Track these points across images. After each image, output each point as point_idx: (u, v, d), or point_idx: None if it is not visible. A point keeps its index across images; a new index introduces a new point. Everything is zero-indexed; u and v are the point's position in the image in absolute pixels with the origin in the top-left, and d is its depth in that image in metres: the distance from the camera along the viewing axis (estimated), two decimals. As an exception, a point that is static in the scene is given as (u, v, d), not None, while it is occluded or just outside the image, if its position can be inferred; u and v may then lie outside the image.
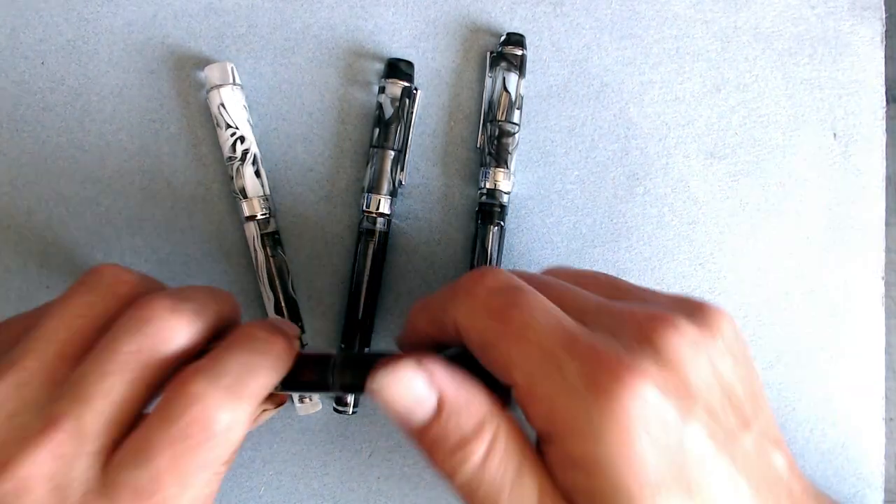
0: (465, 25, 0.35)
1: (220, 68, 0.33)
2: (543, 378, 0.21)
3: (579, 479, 0.20)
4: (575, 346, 0.21)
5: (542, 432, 0.21)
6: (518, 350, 0.21)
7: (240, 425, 0.22)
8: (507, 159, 0.33)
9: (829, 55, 0.36)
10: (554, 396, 0.21)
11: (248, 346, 0.24)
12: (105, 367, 0.22)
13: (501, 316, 0.22)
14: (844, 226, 0.36)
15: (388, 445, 0.35)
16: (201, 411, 0.21)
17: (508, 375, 0.22)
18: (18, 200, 0.34)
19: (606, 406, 0.20)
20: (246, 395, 0.22)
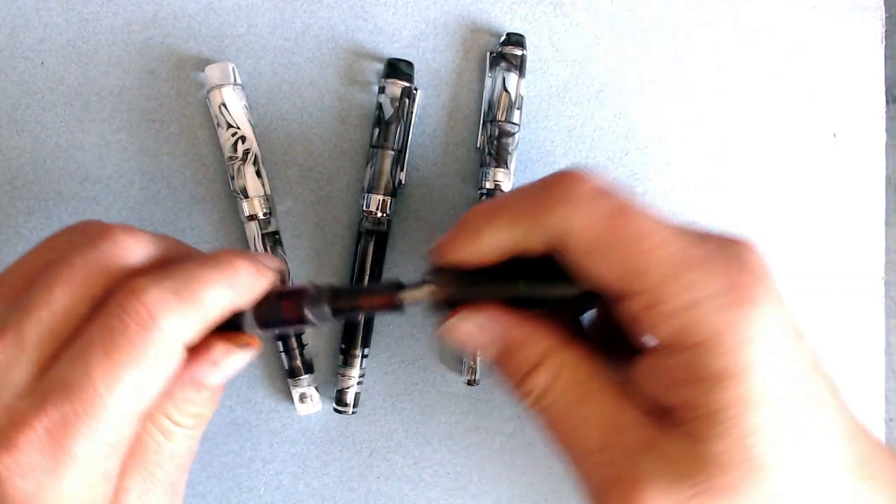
0: (465, 25, 0.35)
1: (221, 68, 0.33)
2: (678, 289, 0.20)
3: (697, 394, 0.20)
4: (702, 253, 0.21)
5: (664, 345, 0.21)
6: (641, 259, 0.21)
7: (182, 330, 0.22)
8: (507, 159, 0.33)
9: (829, 55, 0.36)
10: (690, 307, 0.20)
11: (204, 261, 0.23)
12: (50, 279, 0.22)
13: (614, 222, 0.21)
14: (844, 226, 0.36)
15: (388, 445, 0.35)
16: (139, 304, 0.21)
17: (628, 286, 0.21)
18: (18, 200, 0.34)
19: (744, 318, 0.20)
20: (191, 300, 0.22)
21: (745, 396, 0.20)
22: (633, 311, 0.21)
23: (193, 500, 0.34)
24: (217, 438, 0.34)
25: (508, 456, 0.35)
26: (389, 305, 0.25)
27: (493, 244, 0.24)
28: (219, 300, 0.23)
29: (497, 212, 0.24)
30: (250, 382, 0.34)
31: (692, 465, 0.21)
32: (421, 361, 0.35)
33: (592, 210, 0.22)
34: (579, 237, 0.22)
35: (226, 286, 0.23)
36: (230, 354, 0.24)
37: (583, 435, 0.22)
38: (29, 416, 0.21)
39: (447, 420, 0.35)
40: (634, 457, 0.21)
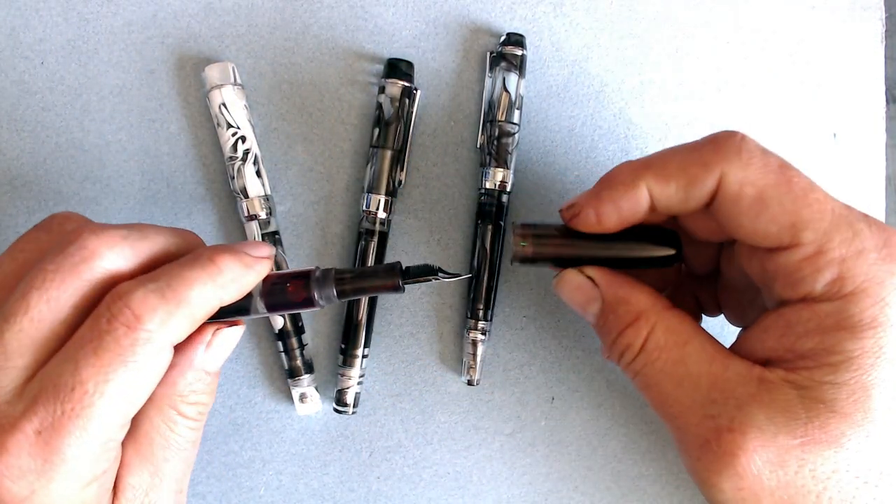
0: (465, 25, 0.35)
1: (221, 68, 0.33)
2: (840, 240, 0.22)
3: (835, 342, 0.21)
4: (860, 214, 0.22)
5: (812, 294, 0.22)
6: (810, 210, 0.22)
7: (169, 330, 0.22)
8: (507, 159, 0.33)
9: (829, 55, 0.36)
10: (848, 259, 0.21)
11: (186, 261, 0.24)
12: (25, 287, 0.22)
13: (785, 174, 0.23)
14: (844, 226, 0.36)
15: (388, 445, 0.35)
16: (125, 306, 0.22)
17: (794, 235, 0.22)
18: (18, 200, 0.34)
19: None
20: (175, 299, 0.22)
21: (881, 349, 0.21)
22: (791, 262, 0.22)
23: (193, 500, 0.34)
24: (217, 438, 0.34)
25: (508, 456, 0.35)
26: (392, 287, 0.26)
27: (643, 202, 0.24)
28: (204, 298, 0.23)
29: (651, 167, 0.24)
30: (250, 382, 0.34)
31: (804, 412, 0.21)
32: (421, 361, 0.35)
33: (763, 162, 0.23)
34: (751, 188, 0.23)
35: (210, 284, 0.23)
36: (219, 333, 0.25)
37: (684, 392, 0.23)
38: (18, 420, 0.21)
39: (447, 420, 0.35)
40: (742, 408, 0.22)
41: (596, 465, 0.35)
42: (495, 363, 0.35)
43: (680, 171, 0.24)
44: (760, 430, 0.22)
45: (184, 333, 0.23)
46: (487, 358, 0.35)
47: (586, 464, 0.35)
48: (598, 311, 0.26)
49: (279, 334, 0.33)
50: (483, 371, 0.34)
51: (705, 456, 0.22)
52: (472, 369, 0.34)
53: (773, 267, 0.23)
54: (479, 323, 0.33)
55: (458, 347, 0.35)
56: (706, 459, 0.22)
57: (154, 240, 0.25)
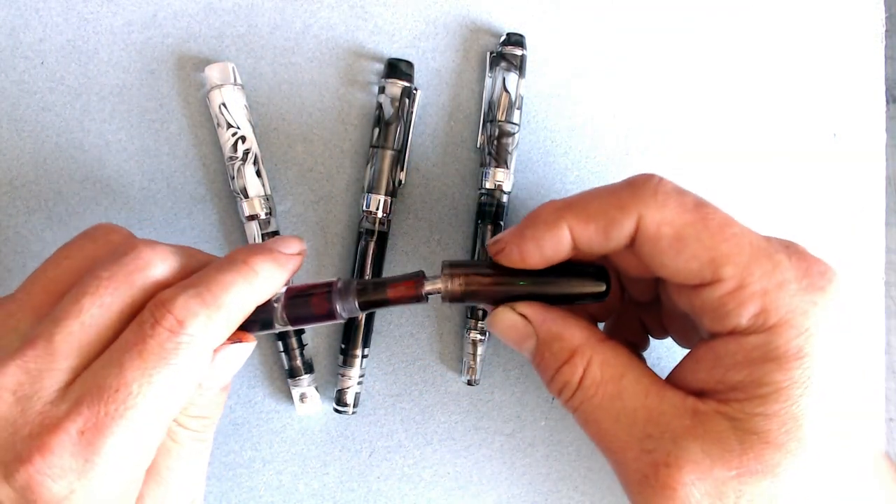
0: (465, 25, 0.35)
1: (221, 68, 0.33)
2: (761, 274, 0.22)
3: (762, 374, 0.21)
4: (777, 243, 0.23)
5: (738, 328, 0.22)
6: (728, 245, 0.22)
7: (210, 331, 0.23)
8: (507, 159, 0.33)
9: (829, 55, 0.36)
10: (770, 291, 0.22)
11: (222, 265, 0.24)
12: (79, 291, 0.23)
13: (701, 212, 0.23)
14: (844, 226, 0.36)
15: (388, 445, 0.35)
16: (168, 311, 0.22)
17: (714, 271, 0.22)
18: (18, 200, 0.34)
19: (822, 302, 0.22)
20: (214, 303, 0.23)
21: (807, 379, 0.21)
22: (714, 297, 0.22)
23: (193, 500, 0.34)
24: (217, 438, 0.34)
25: (508, 456, 0.35)
26: (414, 297, 0.26)
27: (564, 242, 0.24)
28: (240, 301, 0.24)
29: (572, 209, 0.24)
30: (250, 382, 0.34)
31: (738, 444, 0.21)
32: (421, 361, 0.35)
33: (679, 202, 0.23)
34: (668, 228, 0.23)
35: (245, 287, 0.24)
36: (224, 349, 0.25)
37: (622, 427, 0.23)
38: (62, 420, 0.21)
39: (447, 420, 0.35)
40: (678, 441, 0.22)
41: (596, 465, 0.35)
42: (495, 363, 0.35)
43: (599, 213, 0.24)
44: (696, 464, 0.22)
45: (223, 336, 0.24)
46: (487, 358, 0.35)
47: (586, 464, 0.35)
48: (533, 348, 0.25)
49: (279, 334, 0.33)
50: (483, 371, 0.34)
51: (645, 491, 0.23)
52: (472, 369, 0.34)
53: (698, 302, 0.23)
54: (479, 323, 0.33)
55: (458, 347, 0.35)
56: (646, 494, 0.23)
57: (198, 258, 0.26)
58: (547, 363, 0.25)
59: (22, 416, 0.22)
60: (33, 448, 0.21)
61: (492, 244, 0.26)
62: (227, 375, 0.25)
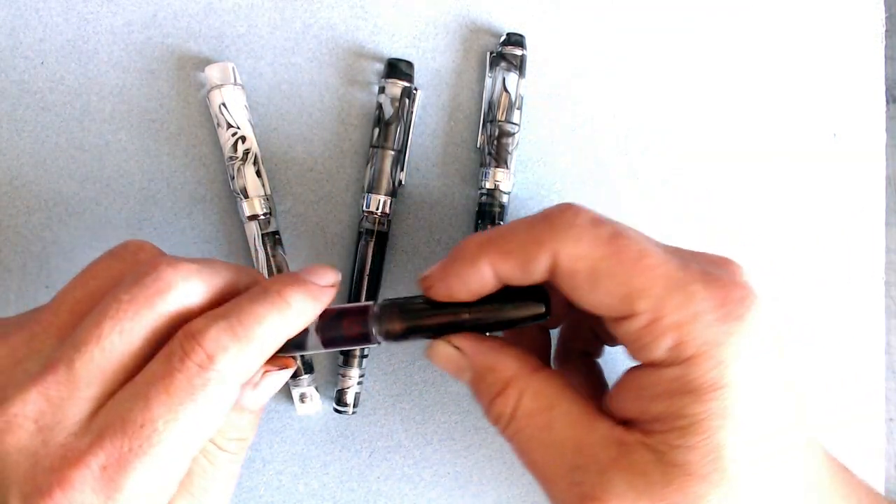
0: (465, 25, 0.35)
1: (221, 68, 0.33)
2: (674, 306, 0.21)
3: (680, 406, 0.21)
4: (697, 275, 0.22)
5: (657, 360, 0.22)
6: (642, 278, 0.22)
7: (239, 366, 0.22)
8: (507, 159, 0.33)
9: (829, 55, 0.36)
10: (684, 323, 0.21)
11: (255, 296, 0.24)
12: (99, 314, 0.22)
13: (615, 245, 0.22)
14: (844, 226, 0.36)
15: (388, 445, 0.35)
16: (198, 344, 0.22)
17: (629, 305, 0.22)
18: (18, 200, 0.34)
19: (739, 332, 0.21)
20: (246, 337, 0.22)
21: (725, 410, 0.21)
22: (633, 330, 0.22)
23: (193, 500, 0.34)
24: (217, 438, 0.34)
25: (508, 456, 0.35)
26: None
27: (487, 277, 0.24)
28: (273, 335, 0.23)
29: (491, 245, 0.24)
30: (250, 382, 0.34)
31: (661, 476, 0.21)
32: (421, 361, 0.35)
33: (593, 236, 0.23)
34: (583, 263, 0.22)
35: (278, 319, 0.23)
36: (269, 376, 0.25)
37: (551, 458, 0.23)
38: (84, 454, 0.21)
39: (447, 420, 0.35)
40: (604, 473, 0.22)
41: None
42: (495, 363, 0.35)
43: (518, 248, 0.24)
44: (621, 497, 0.21)
45: (253, 370, 0.23)
46: (487, 358, 0.35)
47: (586, 464, 0.35)
48: (469, 379, 0.25)
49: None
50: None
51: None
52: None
53: (619, 334, 0.23)
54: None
55: (458, 347, 0.35)
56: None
57: (223, 274, 0.25)
58: (482, 394, 0.25)
59: (43, 448, 0.21)
60: (53, 482, 0.21)
61: (421, 280, 0.26)
62: (267, 398, 0.25)
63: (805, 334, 0.35)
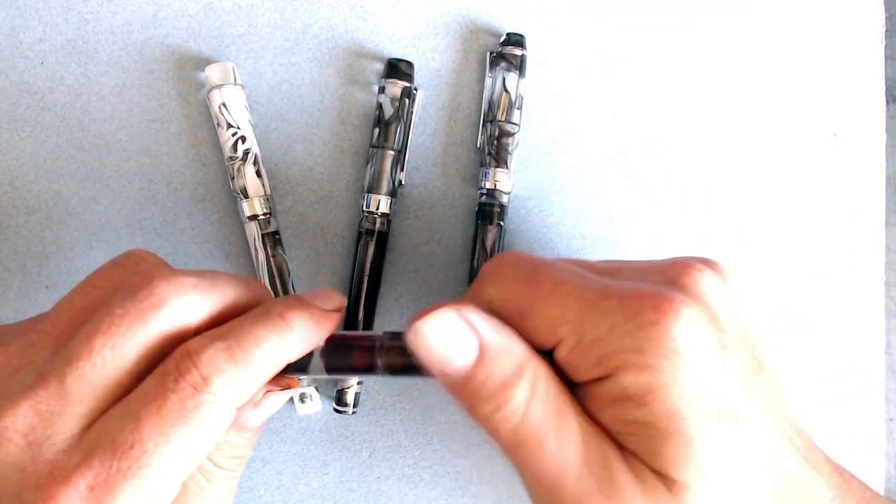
0: (465, 25, 0.35)
1: (221, 68, 0.33)
2: (591, 325, 0.21)
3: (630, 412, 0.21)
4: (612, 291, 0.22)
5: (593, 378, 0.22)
6: (558, 307, 0.22)
7: (236, 390, 0.22)
8: (507, 159, 0.33)
9: (829, 55, 0.36)
10: (603, 338, 0.21)
11: (256, 318, 0.23)
12: (91, 328, 0.22)
13: (532, 280, 0.22)
14: (844, 226, 0.36)
15: (388, 445, 0.35)
16: (193, 366, 0.21)
17: (553, 334, 0.22)
18: (18, 200, 0.34)
19: (654, 336, 0.21)
20: (244, 360, 0.22)
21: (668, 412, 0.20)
22: (564, 356, 0.22)
23: (193, 500, 0.34)
24: (217, 438, 0.34)
25: (508, 456, 0.35)
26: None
27: None
28: (272, 358, 0.23)
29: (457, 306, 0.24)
30: (250, 382, 0.34)
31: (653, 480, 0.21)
32: (421, 361, 0.35)
33: (513, 277, 0.23)
34: (504, 307, 0.23)
35: (279, 343, 0.23)
36: (271, 395, 0.24)
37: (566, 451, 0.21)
38: (72, 473, 0.21)
39: (447, 420, 0.35)
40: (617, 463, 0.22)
41: (596, 465, 0.35)
42: (495, 363, 0.35)
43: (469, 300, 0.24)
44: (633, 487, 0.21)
45: (249, 395, 0.23)
46: (487, 358, 0.35)
47: (586, 464, 0.35)
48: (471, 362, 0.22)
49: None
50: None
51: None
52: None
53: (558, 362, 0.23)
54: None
55: (458, 347, 0.35)
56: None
57: (224, 289, 0.24)
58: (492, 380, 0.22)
59: (32, 463, 0.21)
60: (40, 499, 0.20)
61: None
62: (266, 417, 0.25)
63: (805, 334, 0.35)
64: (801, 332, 0.35)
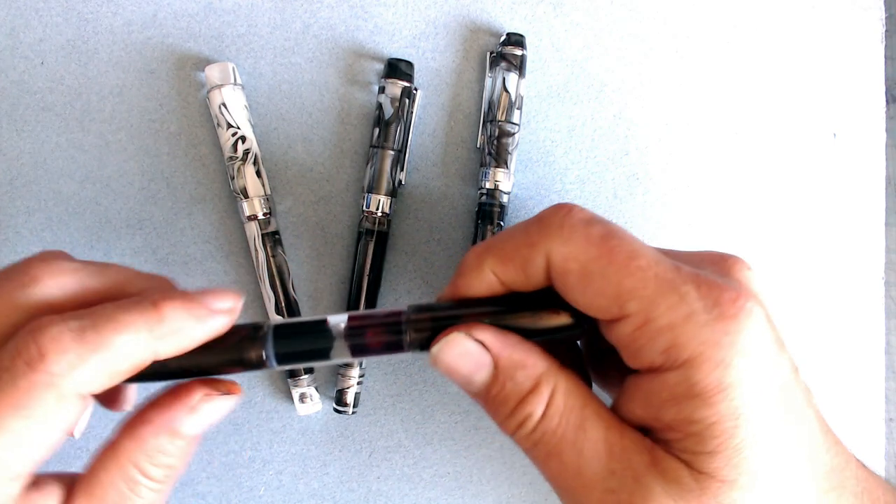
0: (465, 25, 0.35)
1: (221, 68, 0.33)
2: (666, 307, 0.21)
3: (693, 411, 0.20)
4: (686, 274, 0.21)
5: (654, 364, 0.21)
6: (632, 279, 0.21)
7: (81, 374, 0.20)
8: (507, 159, 0.33)
9: (829, 55, 0.36)
10: (677, 325, 0.20)
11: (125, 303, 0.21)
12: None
13: (606, 245, 0.22)
14: (844, 226, 0.36)
15: (388, 445, 0.35)
16: (32, 341, 0.20)
17: (619, 307, 0.21)
18: (18, 200, 0.34)
19: (733, 331, 0.20)
20: (95, 342, 0.20)
21: (736, 410, 0.20)
22: (625, 333, 0.22)
23: (193, 500, 0.34)
24: (217, 438, 0.34)
25: (508, 456, 0.35)
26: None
27: (494, 284, 0.24)
28: (132, 348, 0.21)
29: (490, 252, 0.24)
30: (250, 383, 0.34)
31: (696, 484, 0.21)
32: (421, 361, 0.35)
33: (585, 235, 0.22)
34: (574, 263, 0.22)
35: (144, 332, 0.21)
36: (210, 400, 0.23)
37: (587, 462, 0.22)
38: None
39: (447, 420, 0.35)
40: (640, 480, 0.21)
41: (596, 465, 0.35)
42: (495, 363, 0.35)
43: (514, 252, 0.23)
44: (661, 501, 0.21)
45: (98, 384, 0.20)
46: (487, 358, 0.35)
47: (586, 464, 0.35)
48: (487, 379, 0.23)
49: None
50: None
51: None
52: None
53: (614, 338, 0.22)
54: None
55: (458, 347, 0.35)
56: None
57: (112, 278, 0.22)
58: (507, 395, 0.23)
59: None
60: None
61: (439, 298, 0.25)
62: (204, 426, 0.23)
63: (805, 334, 0.35)
64: (801, 331, 0.35)
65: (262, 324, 0.23)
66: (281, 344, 0.23)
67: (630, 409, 0.22)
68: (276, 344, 0.23)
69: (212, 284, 0.34)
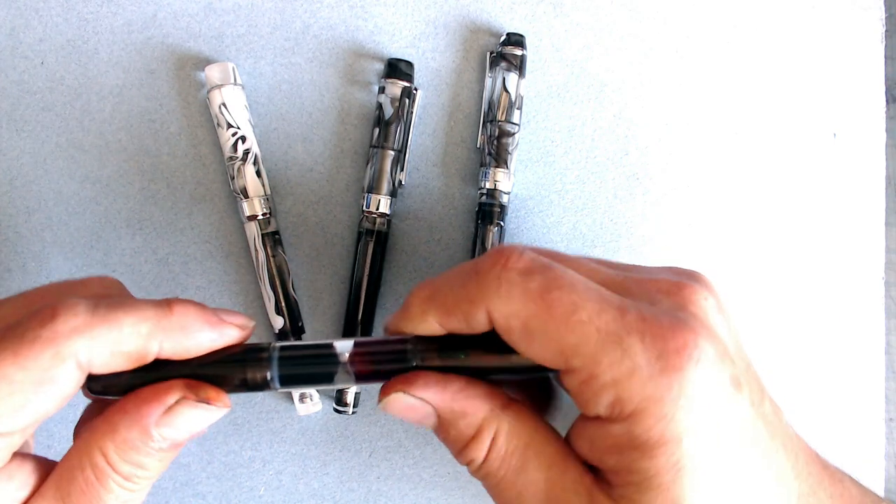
0: (465, 25, 0.35)
1: (221, 68, 0.33)
2: (608, 364, 0.20)
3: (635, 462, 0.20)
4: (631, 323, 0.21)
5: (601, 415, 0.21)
6: (573, 335, 0.21)
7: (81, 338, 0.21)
8: (507, 159, 0.33)
9: (829, 55, 0.36)
10: (621, 381, 0.20)
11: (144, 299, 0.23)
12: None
13: (545, 300, 0.21)
14: (844, 226, 0.36)
15: (388, 445, 0.35)
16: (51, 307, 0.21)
17: (563, 363, 0.21)
18: (18, 200, 0.34)
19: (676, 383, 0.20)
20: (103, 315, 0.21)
21: (676, 463, 0.20)
22: (573, 385, 0.22)
23: (193, 500, 0.34)
24: (217, 438, 0.34)
25: (508, 456, 0.35)
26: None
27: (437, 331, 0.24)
28: (137, 330, 0.21)
29: (432, 303, 0.23)
30: (250, 382, 0.34)
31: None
32: (421, 361, 0.35)
33: (523, 291, 0.22)
34: (515, 320, 0.22)
35: (151, 321, 0.22)
36: (186, 404, 0.22)
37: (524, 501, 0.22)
38: None
39: (447, 420, 0.35)
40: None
41: (596, 465, 0.35)
42: (495, 363, 0.35)
43: (455, 306, 0.23)
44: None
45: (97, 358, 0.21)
46: (487, 358, 0.35)
47: (586, 464, 0.35)
48: (434, 426, 0.24)
49: (279, 334, 0.33)
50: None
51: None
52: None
53: (565, 386, 0.22)
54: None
55: (458, 347, 0.35)
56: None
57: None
58: (452, 440, 0.24)
59: None
60: None
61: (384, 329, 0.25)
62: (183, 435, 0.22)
63: (805, 334, 0.35)
64: (801, 331, 0.35)
65: (267, 345, 0.24)
66: (286, 366, 0.23)
67: (578, 447, 0.23)
68: (281, 366, 0.23)
69: (212, 284, 0.34)
